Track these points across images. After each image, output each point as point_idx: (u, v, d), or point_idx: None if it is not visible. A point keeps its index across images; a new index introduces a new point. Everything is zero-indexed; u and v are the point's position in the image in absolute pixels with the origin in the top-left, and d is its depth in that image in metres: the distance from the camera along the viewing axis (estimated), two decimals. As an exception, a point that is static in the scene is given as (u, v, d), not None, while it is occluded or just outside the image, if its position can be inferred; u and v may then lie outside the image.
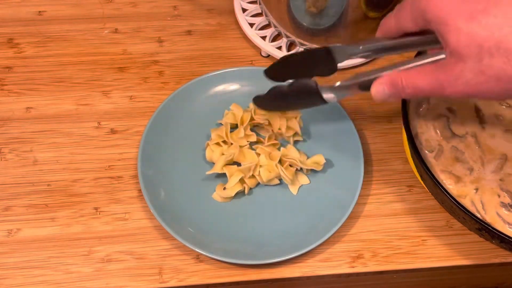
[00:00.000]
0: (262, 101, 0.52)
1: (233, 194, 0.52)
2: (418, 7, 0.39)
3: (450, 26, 0.36)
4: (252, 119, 0.55)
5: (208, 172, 0.53)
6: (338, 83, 0.45)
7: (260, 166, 0.53)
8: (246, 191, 0.53)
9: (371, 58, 0.46)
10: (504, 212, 0.51)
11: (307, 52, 0.49)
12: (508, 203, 0.51)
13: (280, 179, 0.54)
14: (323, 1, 0.55)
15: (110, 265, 0.50)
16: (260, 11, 0.65)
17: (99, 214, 0.53)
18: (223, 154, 0.54)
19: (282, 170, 0.53)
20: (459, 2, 0.36)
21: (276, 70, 0.51)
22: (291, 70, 0.50)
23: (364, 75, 0.44)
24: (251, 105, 0.56)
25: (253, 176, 0.53)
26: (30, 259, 0.50)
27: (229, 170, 0.53)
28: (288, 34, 0.61)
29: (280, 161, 0.54)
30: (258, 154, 0.54)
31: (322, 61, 0.47)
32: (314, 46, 0.60)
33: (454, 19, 0.36)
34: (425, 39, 0.42)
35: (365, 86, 0.44)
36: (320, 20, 0.57)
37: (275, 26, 0.62)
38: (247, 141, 0.55)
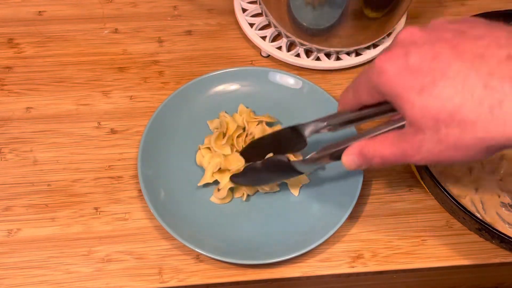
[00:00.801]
0: (239, 179, 0.52)
1: (225, 194, 0.52)
2: (371, 83, 0.39)
3: (404, 99, 0.37)
4: (240, 130, 0.55)
5: (199, 183, 0.53)
6: (308, 156, 0.47)
7: None
8: (244, 198, 0.53)
9: (338, 130, 0.47)
10: (504, 212, 0.51)
11: (275, 133, 0.52)
12: (508, 203, 0.51)
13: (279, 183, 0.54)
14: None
15: (110, 265, 0.50)
16: (260, 11, 0.65)
17: (99, 214, 0.53)
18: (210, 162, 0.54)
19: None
20: (408, 76, 0.37)
21: (249, 152, 0.53)
22: (263, 151, 0.52)
23: (334, 146, 0.45)
24: (241, 108, 0.56)
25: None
26: (30, 259, 0.50)
27: (219, 176, 0.53)
28: (288, 34, 0.61)
29: None
30: None
31: (291, 139, 0.50)
32: (315, 46, 0.60)
33: (406, 93, 0.37)
34: (384, 108, 0.42)
35: (336, 156, 0.45)
36: (320, 20, 0.57)
37: (275, 26, 0.62)
38: (235, 150, 0.54)
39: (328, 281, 0.52)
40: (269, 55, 0.63)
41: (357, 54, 0.63)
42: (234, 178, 0.52)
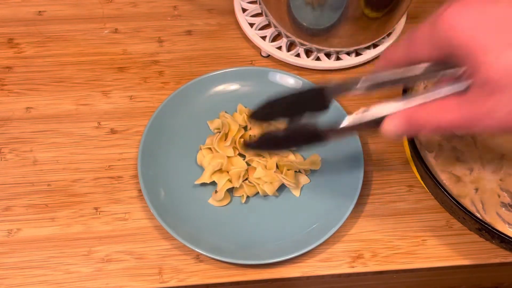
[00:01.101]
0: (254, 147, 0.47)
1: (222, 196, 0.52)
2: (440, 35, 0.35)
3: (482, 56, 0.33)
4: (241, 132, 0.55)
5: (196, 181, 0.53)
6: (343, 124, 0.40)
7: (264, 182, 0.53)
8: (243, 200, 0.53)
9: (372, 91, 0.39)
10: (504, 212, 0.51)
11: (296, 94, 0.44)
12: (508, 203, 0.51)
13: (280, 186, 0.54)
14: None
15: (110, 265, 0.50)
16: (260, 11, 0.65)
17: (99, 214, 0.53)
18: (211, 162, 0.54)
19: (283, 178, 0.53)
20: (489, 29, 0.33)
21: (262, 112, 0.45)
22: (278, 111, 0.44)
23: (372, 114, 0.39)
24: (240, 107, 0.56)
25: (252, 185, 0.53)
26: (30, 259, 0.50)
27: (217, 177, 0.53)
28: (288, 34, 0.61)
29: (277, 166, 0.54)
30: (254, 168, 0.54)
31: (312, 100, 0.43)
32: (315, 46, 0.60)
33: (485, 48, 0.33)
34: (436, 68, 0.37)
35: (375, 123, 0.39)
36: (320, 20, 0.57)
37: (275, 26, 0.62)
38: (237, 153, 0.54)
39: (328, 281, 0.52)
40: (269, 55, 0.63)
41: (357, 54, 0.63)
42: (248, 146, 0.47)
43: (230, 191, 0.54)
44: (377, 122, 0.39)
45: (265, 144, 0.46)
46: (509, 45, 0.32)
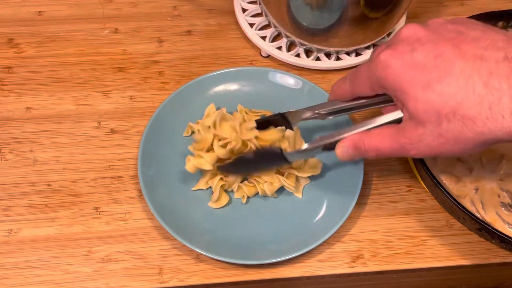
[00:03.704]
0: (227, 169, 0.52)
1: (217, 196, 0.52)
2: (375, 75, 0.41)
3: (408, 94, 0.39)
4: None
5: (193, 188, 0.53)
6: (303, 147, 0.47)
7: (264, 181, 0.53)
8: (244, 201, 0.53)
9: (326, 119, 0.49)
10: (504, 212, 0.51)
11: (265, 118, 0.53)
12: (508, 203, 0.51)
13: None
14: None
15: (110, 265, 0.50)
16: (260, 11, 0.65)
17: (99, 214, 0.53)
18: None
19: (284, 181, 0.53)
20: (414, 71, 0.39)
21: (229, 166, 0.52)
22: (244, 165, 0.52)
23: (327, 138, 0.46)
24: (240, 107, 0.56)
25: (252, 185, 0.53)
26: (30, 259, 0.50)
27: (213, 182, 0.53)
28: (288, 34, 0.61)
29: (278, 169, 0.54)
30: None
31: (279, 125, 0.51)
32: (315, 46, 0.60)
33: (411, 87, 0.39)
34: (378, 100, 0.44)
35: (329, 148, 0.46)
36: (320, 20, 0.57)
37: (275, 26, 0.62)
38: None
39: (328, 281, 0.52)
40: (269, 55, 0.63)
41: (357, 54, 0.63)
42: (222, 168, 0.52)
43: (227, 192, 0.54)
44: (332, 146, 0.46)
45: (236, 167, 0.51)
46: (425, 85, 0.38)
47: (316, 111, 0.48)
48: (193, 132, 0.56)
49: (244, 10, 0.65)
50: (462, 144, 0.38)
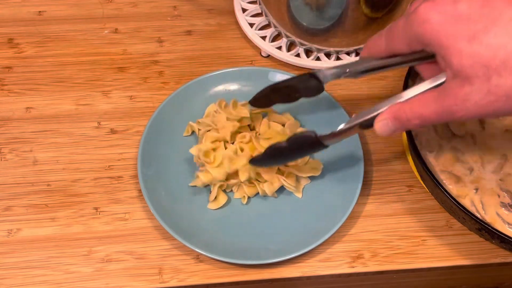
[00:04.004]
0: (259, 161, 0.50)
1: (219, 206, 0.52)
2: (412, 31, 0.38)
3: (451, 48, 0.36)
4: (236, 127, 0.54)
5: (190, 184, 0.53)
6: (339, 128, 0.44)
7: (265, 181, 0.53)
8: (244, 201, 0.53)
9: (358, 77, 0.45)
10: (504, 212, 0.51)
11: (292, 79, 0.50)
12: (508, 203, 0.51)
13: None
14: None
15: (110, 265, 0.50)
16: (260, 11, 0.65)
17: (99, 214, 0.53)
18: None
19: (284, 181, 0.53)
20: (456, 23, 0.36)
21: (261, 98, 0.51)
22: (277, 96, 0.51)
23: (364, 114, 0.43)
24: (233, 102, 0.56)
25: (253, 186, 0.53)
26: (30, 259, 0.50)
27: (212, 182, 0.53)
28: (288, 34, 0.61)
29: (279, 168, 0.54)
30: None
31: (308, 84, 0.48)
32: (315, 46, 0.60)
33: (454, 41, 0.36)
34: (416, 56, 0.41)
35: (367, 125, 0.43)
36: (320, 20, 0.57)
37: (275, 26, 0.62)
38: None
39: (328, 281, 0.52)
40: (269, 55, 0.63)
41: (357, 54, 0.63)
42: (254, 161, 0.50)
43: (229, 192, 0.54)
44: (370, 123, 0.42)
45: (270, 158, 0.49)
46: (470, 37, 0.35)
47: (348, 70, 0.44)
48: (193, 132, 0.56)
49: (244, 10, 0.65)
50: None
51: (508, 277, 0.58)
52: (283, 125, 0.56)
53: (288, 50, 0.63)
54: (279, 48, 0.63)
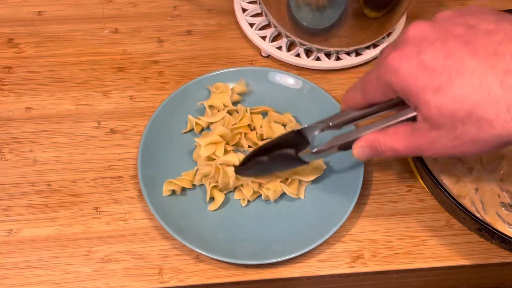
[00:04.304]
0: (242, 171, 0.52)
1: (218, 205, 0.52)
2: (384, 80, 0.39)
3: (419, 99, 0.38)
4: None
5: (182, 173, 0.54)
6: (317, 148, 0.47)
7: (267, 188, 0.53)
8: (244, 204, 0.53)
9: (342, 129, 0.47)
10: (504, 212, 0.51)
11: (278, 138, 0.51)
12: (508, 203, 0.51)
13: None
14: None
15: (110, 265, 0.50)
16: (260, 11, 0.65)
17: (99, 214, 0.53)
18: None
19: (286, 189, 0.53)
20: (423, 74, 0.37)
21: (250, 158, 0.51)
22: (265, 157, 0.51)
23: (343, 138, 0.45)
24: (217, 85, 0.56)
25: (254, 192, 0.53)
26: (30, 259, 0.50)
27: (206, 181, 0.53)
28: (288, 34, 0.61)
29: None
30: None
31: (295, 141, 0.49)
32: (315, 46, 0.60)
33: (421, 92, 0.37)
34: (393, 102, 0.43)
35: (345, 147, 0.45)
36: (320, 20, 0.57)
37: (275, 26, 0.62)
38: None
39: (328, 281, 0.52)
40: (269, 55, 0.63)
41: (357, 54, 0.63)
42: (236, 170, 0.52)
43: (229, 193, 0.54)
44: (348, 146, 0.45)
45: (251, 169, 0.51)
46: (436, 89, 0.37)
47: (331, 123, 0.47)
48: (191, 130, 0.56)
49: (244, 10, 0.65)
50: (479, 145, 0.37)
51: (508, 277, 0.58)
52: (284, 125, 0.56)
53: (288, 50, 0.63)
54: (279, 48, 0.63)
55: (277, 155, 0.50)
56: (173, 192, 0.53)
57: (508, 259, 0.52)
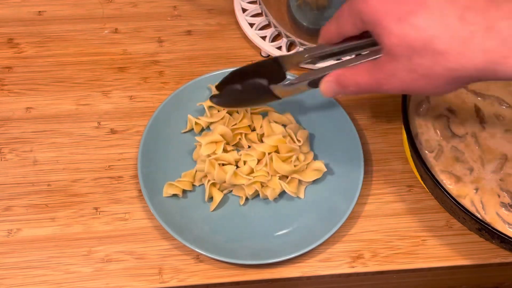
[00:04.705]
0: (218, 100, 0.53)
1: (216, 204, 0.52)
2: (355, 10, 0.40)
3: (383, 27, 0.38)
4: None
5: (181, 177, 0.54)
6: (287, 81, 0.48)
7: (267, 187, 0.53)
8: (242, 202, 0.53)
9: (317, 63, 0.48)
10: (504, 212, 0.51)
11: (256, 64, 0.51)
12: (508, 203, 0.51)
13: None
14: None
15: (110, 265, 0.50)
16: (260, 11, 0.65)
17: (99, 214, 0.53)
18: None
19: (286, 187, 0.53)
20: (391, 3, 0.38)
21: (226, 83, 0.52)
22: (240, 82, 0.51)
23: (312, 74, 0.46)
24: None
25: (252, 188, 0.53)
26: (30, 259, 0.50)
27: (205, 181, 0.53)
28: (288, 34, 0.61)
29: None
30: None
31: (271, 71, 0.49)
32: (315, 46, 0.60)
33: (386, 20, 0.38)
34: (366, 42, 0.44)
35: (314, 83, 0.46)
36: (319, 20, 0.57)
37: (275, 26, 0.62)
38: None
39: (328, 281, 0.52)
40: (269, 55, 0.63)
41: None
42: (213, 99, 0.52)
43: (229, 193, 0.54)
44: (316, 82, 0.45)
45: (227, 98, 0.52)
46: (400, 18, 0.37)
47: (307, 55, 0.47)
48: (191, 130, 0.56)
49: (244, 10, 0.65)
50: (433, 80, 0.38)
51: (508, 277, 0.58)
52: (284, 125, 0.56)
53: (288, 50, 0.63)
54: (279, 48, 0.63)
55: (250, 85, 0.50)
56: (174, 194, 0.53)
57: (508, 259, 0.52)
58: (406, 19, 0.37)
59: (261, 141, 0.55)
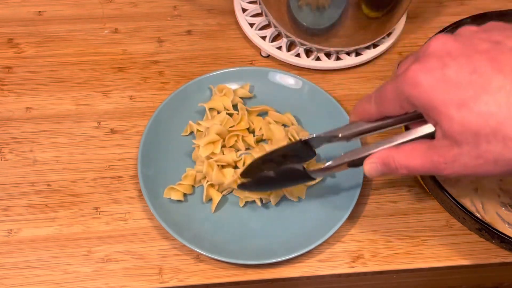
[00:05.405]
0: (248, 187, 0.51)
1: (215, 204, 0.52)
2: (403, 94, 0.38)
3: (442, 113, 0.36)
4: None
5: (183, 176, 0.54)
6: (327, 164, 0.45)
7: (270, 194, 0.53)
8: (241, 204, 0.53)
9: (350, 141, 0.45)
10: (504, 212, 0.51)
11: (283, 148, 0.49)
12: (508, 203, 0.51)
13: None
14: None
15: (110, 265, 0.50)
16: (260, 11, 0.65)
17: (99, 214, 0.53)
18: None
19: (287, 194, 0.53)
20: (447, 89, 0.36)
21: (254, 171, 0.50)
22: (267, 165, 0.49)
23: (354, 154, 0.43)
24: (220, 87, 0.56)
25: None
26: (30, 259, 0.50)
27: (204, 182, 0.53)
28: (288, 34, 0.61)
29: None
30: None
31: (299, 151, 0.48)
32: (315, 46, 0.60)
33: (444, 107, 0.36)
34: (407, 117, 0.41)
35: (355, 164, 0.44)
36: (320, 20, 0.57)
37: (275, 26, 0.62)
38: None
39: (328, 281, 0.52)
40: (269, 55, 0.63)
41: (357, 54, 0.63)
42: (243, 186, 0.51)
43: (229, 193, 0.54)
44: (359, 163, 0.43)
45: (258, 185, 0.51)
46: (460, 104, 0.35)
47: (340, 135, 0.44)
48: (192, 132, 0.56)
49: (244, 10, 0.65)
50: (502, 165, 0.36)
51: (508, 277, 0.58)
52: (284, 125, 0.56)
53: (288, 50, 0.63)
54: (279, 48, 0.63)
55: (284, 171, 0.49)
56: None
57: (508, 259, 0.52)
58: (468, 105, 0.35)
59: (258, 143, 0.55)
